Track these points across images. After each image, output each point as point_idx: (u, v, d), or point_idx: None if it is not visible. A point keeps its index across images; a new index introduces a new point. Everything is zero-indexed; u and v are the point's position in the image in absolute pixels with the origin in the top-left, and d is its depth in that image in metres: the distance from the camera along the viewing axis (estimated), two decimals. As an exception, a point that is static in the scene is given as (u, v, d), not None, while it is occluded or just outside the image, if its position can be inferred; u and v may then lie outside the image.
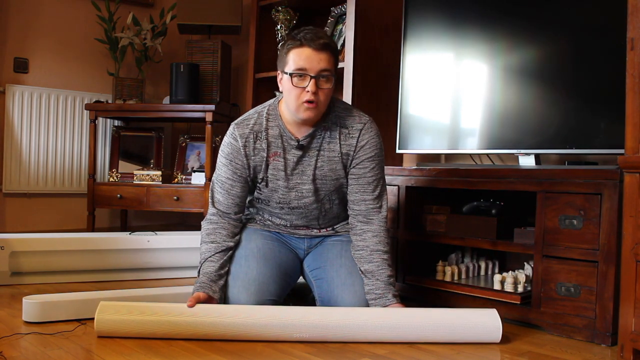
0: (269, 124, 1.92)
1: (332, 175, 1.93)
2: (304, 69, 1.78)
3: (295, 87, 1.80)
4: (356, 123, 1.93)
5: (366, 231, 1.93)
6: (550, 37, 2.20)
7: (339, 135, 1.91)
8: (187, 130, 4.18)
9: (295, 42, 1.80)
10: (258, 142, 1.91)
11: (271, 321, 1.70)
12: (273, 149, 1.91)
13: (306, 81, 1.79)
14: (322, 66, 1.79)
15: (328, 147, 1.91)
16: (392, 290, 1.86)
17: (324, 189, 1.95)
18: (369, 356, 1.63)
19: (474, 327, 1.75)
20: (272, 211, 2.01)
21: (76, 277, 2.53)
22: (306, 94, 1.79)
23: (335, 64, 1.85)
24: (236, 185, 1.93)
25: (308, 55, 1.78)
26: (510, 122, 2.27)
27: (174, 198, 3.49)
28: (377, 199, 1.94)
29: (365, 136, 1.92)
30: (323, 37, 1.81)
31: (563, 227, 1.93)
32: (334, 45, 1.84)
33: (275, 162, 1.91)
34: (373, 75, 2.84)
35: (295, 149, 1.91)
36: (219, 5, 3.66)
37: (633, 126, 1.62)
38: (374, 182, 1.94)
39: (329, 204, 1.99)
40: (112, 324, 1.70)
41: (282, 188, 1.94)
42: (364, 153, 1.92)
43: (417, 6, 2.60)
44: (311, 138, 1.91)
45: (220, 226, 1.94)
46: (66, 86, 3.85)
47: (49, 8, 3.79)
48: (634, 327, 1.60)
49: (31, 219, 3.74)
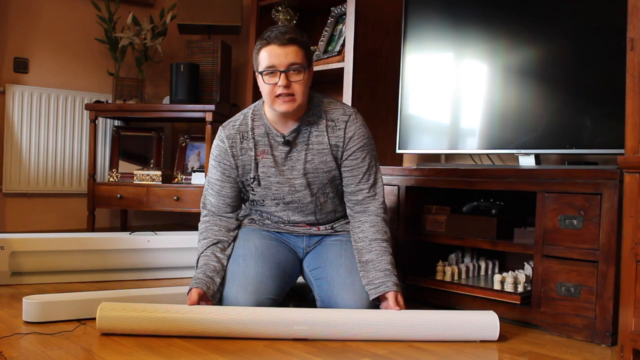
0: (254, 124, 1.96)
1: (323, 167, 1.95)
2: (273, 66, 1.82)
3: (267, 84, 1.85)
4: (341, 115, 1.96)
5: (364, 222, 1.95)
6: (550, 37, 2.20)
7: (326, 128, 1.94)
8: (187, 130, 4.18)
9: (262, 42, 1.85)
10: (245, 141, 1.95)
11: (272, 318, 1.71)
12: (260, 147, 1.94)
13: (277, 77, 1.83)
14: (290, 60, 1.82)
15: (316, 140, 1.94)
16: (393, 279, 1.85)
17: (316, 182, 1.96)
18: (369, 356, 1.63)
19: (471, 323, 1.76)
20: (269, 210, 2.02)
21: (76, 277, 2.53)
22: (278, 89, 1.83)
23: (306, 56, 1.87)
24: (226, 186, 1.98)
25: (274, 52, 1.82)
26: (510, 122, 2.27)
27: (174, 198, 3.49)
28: (373, 187, 1.97)
29: (351, 127, 1.94)
30: (289, 32, 1.84)
31: (563, 227, 1.93)
32: (301, 39, 1.86)
33: (265, 160, 1.94)
34: (373, 75, 2.84)
35: (282, 145, 1.94)
36: (219, 5, 3.66)
37: (633, 126, 1.62)
38: (368, 171, 1.96)
39: (324, 198, 2.00)
40: (114, 321, 1.70)
41: (275, 184, 1.96)
42: (353, 144, 1.94)
43: (417, 6, 2.60)
44: (297, 133, 1.93)
45: (212, 223, 1.99)
46: (66, 86, 3.85)
47: (49, 8, 3.79)
48: (634, 327, 1.60)
49: (31, 219, 3.74)
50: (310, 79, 1.91)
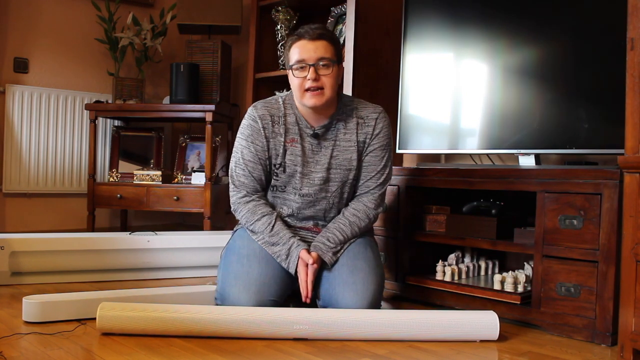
0: (286, 111, 2.00)
1: (346, 165, 2.00)
2: (303, 60, 1.89)
3: (296, 78, 1.91)
4: (371, 112, 2.03)
5: (350, 206, 2.03)
6: (550, 36, 2.20)
7: (357, 126, 2.00)
8: (187, 130, 4.18)
9: (294, 38, 1.93)
10: (276, 126, 1.98)
11: (272, 317, 1.72)
12: (290, 135, 1.98)
13: (306, 71, 1.89)
14: (319, 54, 1.88)
15: (344, 137, 1.99)
16: (332, 248, 1.91)
17: (336, 179, 2.00)
18: (368, 356, 1.63)
19: (471, 323, 1.76)
20: (287, 197, 2.03)
21: (76, 277, 2.53)
22: (307, 82, 1.88)
23: (336, 53, 1.93)
24: (257, 167, 1.99)
25: (305, 47, 1.89)
26: (510, 122, 2.27)
27: (174, 198, 3.49)
28: (379, 186, 2.03)
29: (379, 125, 2.02)
30: (319, 29, 1.92)
31: (563, 227, 1.93)
32: (330, 35, 1.94)
33: (293, 148, 1.98)
34: (373, 75, 2.84)
35: (310, 137, 1.98)
36: (219, 5, 3.66)
37: (633, 126, 1.62)
38: (381, 170, 2.02)
39: (339, 198, 2.03)
40: (114, 321, 1.70)
41: (298, 174, 1.98)
42: (377, 141, 2.01)
43: (417, 6, 2.60)
44: (326, 129, 1.98)
45: (257, 199, 1.99)
46: (66, 86, 3.85)
47: (49, 8, 3.79)
48: (634, 327, 1.60)
49: (31, 219, 3.74)
50: (339, 75, 1.96)
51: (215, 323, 1.70)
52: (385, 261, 2.42)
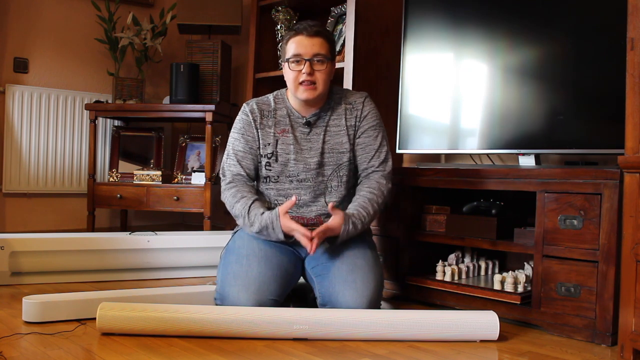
0: (277, 105, 2.09)
1: (338, 148, 2.05)
2: (299, 54, 1.96)
3: (292, 71, 1.98)
4: (358, 98, 2.10)
5: (363, 185, 2.05)
6: (550, 36, 2.20)
7: (345, 112, 2.07)
8: (187, 130, 4.18)
9: (291, 33, 2.00)
10: (265, 119, 2.07)
11: (272, 317, 1.72)
12: (281, 127, 2.06)
13: (302, 65, 1.96)
14: (315, 50, 1.96)
15: (334, 123, 2.06)
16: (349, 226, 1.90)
17: (331, 162, 2.04)
18: (368, 356, 1.63)
19: (471, 323, 1.76)
20: (281, 187, 2.05)
21: (76, 277, 2.53)
22: (302, 75, 1.96)
23: (330, 50, 2.01)
24: (247, 157, 2.05)
25: (302, 42, 1.96)
26: (510, 122, 2.27)
27: (174, 198, 3.49)
28: (383, 163, 2.06)
29: (367, 108, 2.08)
30: (316, 26, 1.99)
31: (563, 227, 1.93)
32: (327, 33, 2.02)
33: (285, 138, 2.05)
34: (373, 75, 2.84)
35: (302, 127, 2.05)
36: (219, 5, 3.66)
37: (633, 126, 1.62)
38: (379, 149, 2.07)
39: (337, 181, 2.05)
40: (114, 321, 1.71)
41: (292, 161, 2.03)
42: (366, 123, 2.07)
43: (417, 6, 2.60)
44: (317, 117, 2.06)
45: (242, 185, 2.03)
46: (66, 86, 3.85)
47: (49, 8, 3.79)
48: (634, 327, 1.60)
49: (31, 219, 3.74)
50: (332, 71, 2.03)
51: (215, 323, 1.70)
52: (385, 261, 2.42)
